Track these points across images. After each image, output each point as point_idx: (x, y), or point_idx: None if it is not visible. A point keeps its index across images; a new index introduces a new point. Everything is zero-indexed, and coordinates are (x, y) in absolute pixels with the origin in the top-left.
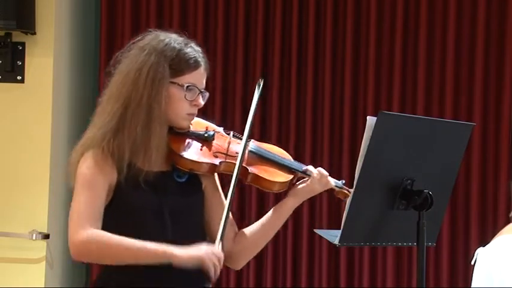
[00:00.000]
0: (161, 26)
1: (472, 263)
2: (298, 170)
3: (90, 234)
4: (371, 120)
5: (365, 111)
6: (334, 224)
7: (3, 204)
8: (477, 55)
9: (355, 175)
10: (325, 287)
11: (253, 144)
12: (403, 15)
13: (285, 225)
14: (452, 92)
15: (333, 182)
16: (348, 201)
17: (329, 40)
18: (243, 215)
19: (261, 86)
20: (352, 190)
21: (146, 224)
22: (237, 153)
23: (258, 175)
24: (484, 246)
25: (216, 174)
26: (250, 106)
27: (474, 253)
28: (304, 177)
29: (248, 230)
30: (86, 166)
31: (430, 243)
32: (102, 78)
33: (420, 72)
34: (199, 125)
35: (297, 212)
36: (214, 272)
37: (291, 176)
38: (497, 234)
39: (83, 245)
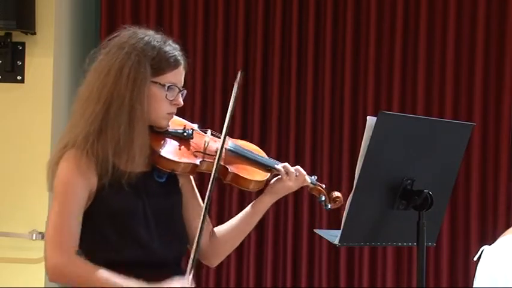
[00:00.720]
0: (161, 26)
1: (475, 259)
2: (274, 168)
3: (67, 263)
4: (371, 120)
5: (365, 111)
6: (334, 224)
7: (3, 204)
8: (477, 55)
9: (355, 175)
10: (325, 287)
11: (230, 143)
12: (403, 15)
13: (285, 225)
14: (452, 92)
15: (308, 179)
16: (348, 201)
17: (329, 40)
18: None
19: (239, 78)
20: (324, 185)
21: (131, 226)
22: (215, 152)
23: (237, 174)
24: (489, 245)
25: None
26: (250, 106)
27: (476, 251)
28: (279, 175)
29: (223, 228)
30: (66, 168)
31: (430, 243)
32: None
33: (420, 72)
34: (176, 122)
35: (297, 212)
36: None
37: (268, 174)
38: (504, 234)
39: (59, 272)
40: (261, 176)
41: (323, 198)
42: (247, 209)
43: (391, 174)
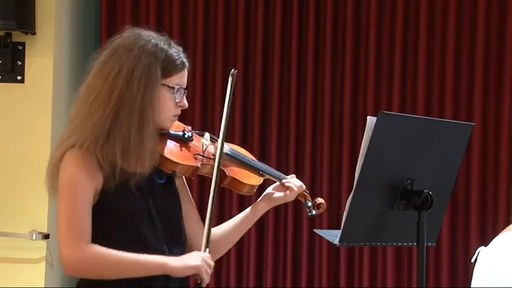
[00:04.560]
0: (161, 25)
1: (472, 260)
2: (278, 178)
3: (86, 251)
4: (371, 120)
5: (365, 111)
6: (334, 224)
7: (3, 204)
8: (477, 55)
9: (355, 175)
10: (325, 287)
11: (227, 147)
12: (403, 15)
13: (285, 225)
14: (452, 92)
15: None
16: (348, 201)
17: (329, 40)
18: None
19: (235, 77)
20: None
21: (136, 227)
22: (213, 154)
23: (235, 178)
24: (485, 246)
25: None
26: (250, 107)
27: (475, 252)
28: (275, 182)
29: (220, 230)
30: (72, 167)
31: (430, 243)
32: None
33: (420, 72)
34: (174, 125)
35: (297, 212)
36: (206, 280)
37: (262, 179)
38: (499, 234)
39: (78, 264)
40: (256, 180)
41: (309, 204)
42: (244, 213)
43: (391, 174)
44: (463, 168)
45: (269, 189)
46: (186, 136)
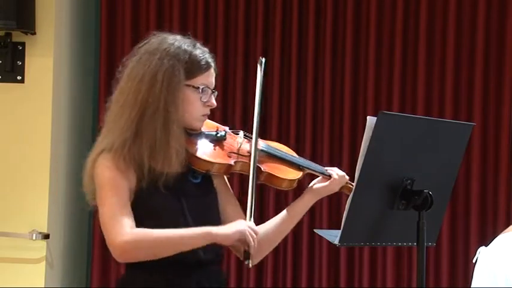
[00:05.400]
0: (161, 25)
1: (474, 261)
2: (320, 172)
3: (135, 233)
4: (371, 120)
5: (365, 111)
6: (334, 224)
7: (3, 204)
8: (477, 55)
9: (355, 175)
10: (325, 287)
11: (263, 143)
12: (403, 15)
13: None
14: (452, 92)
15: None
16: (348, 201)
17: (329, 40)
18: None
19: (263, 64)
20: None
21: (172, 227)
22: (248, 152)
23: (271, 173)
24: (486, 246)
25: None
26: (250, 106)
27: (476, 251)
28: (317, 176)
29: (264, 228)
30: (107, 168)
31: (430, 243)
32: (102, 78)
33: (420, 72)
34: (208, 125)
35: None
36: (252, 244)
37: (301, 173)
38: (500, 234)
39: (130, 246)
40: (294, 174)
41: None
42: (287, 210)
43: (391, 174)
44: (463, 168)
45: (312, 184)
46: (218, 135)
